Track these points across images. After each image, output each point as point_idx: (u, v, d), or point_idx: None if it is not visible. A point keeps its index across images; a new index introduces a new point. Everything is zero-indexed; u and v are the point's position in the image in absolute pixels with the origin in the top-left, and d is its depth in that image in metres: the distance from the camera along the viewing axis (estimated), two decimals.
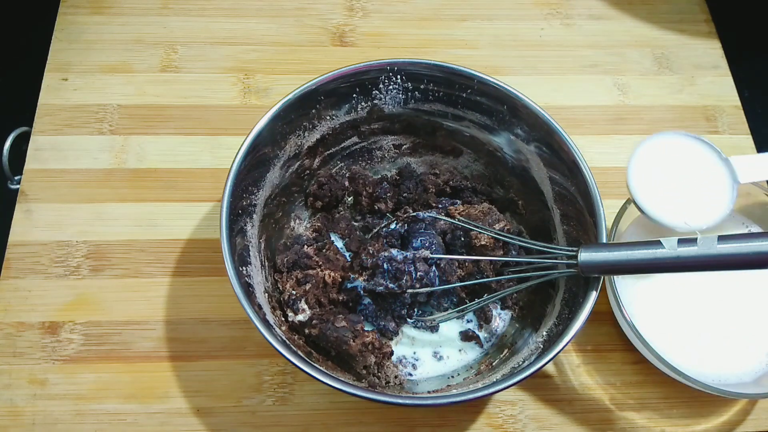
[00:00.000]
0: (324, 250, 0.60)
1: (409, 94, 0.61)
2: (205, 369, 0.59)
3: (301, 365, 0.47)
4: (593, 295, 0.50)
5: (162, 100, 0.72)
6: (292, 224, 0.63)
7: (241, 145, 0.54)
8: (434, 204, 0.64)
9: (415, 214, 0.61)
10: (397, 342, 0.59)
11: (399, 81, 0.60)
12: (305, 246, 0.60)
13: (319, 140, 0.62)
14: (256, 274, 0.56)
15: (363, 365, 0.55)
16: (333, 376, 0.48)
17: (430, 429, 0.58)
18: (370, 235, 0.62)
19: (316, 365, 0.50)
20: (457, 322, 0.61)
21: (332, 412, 0.58)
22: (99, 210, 0.65)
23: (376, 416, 0.58)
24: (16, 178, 0.66)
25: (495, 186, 0.65)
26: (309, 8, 0.79)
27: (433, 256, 0.57)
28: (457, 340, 0.60)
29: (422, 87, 0.60)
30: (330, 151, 0.64)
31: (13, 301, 0.61)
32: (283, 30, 0.77)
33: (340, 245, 0.63)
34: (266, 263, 0.58)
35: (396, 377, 0.56)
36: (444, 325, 0.60)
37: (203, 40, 0.76)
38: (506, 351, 0.58)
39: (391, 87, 0.60)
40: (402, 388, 0.56)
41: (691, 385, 0.54)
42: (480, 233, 0.57)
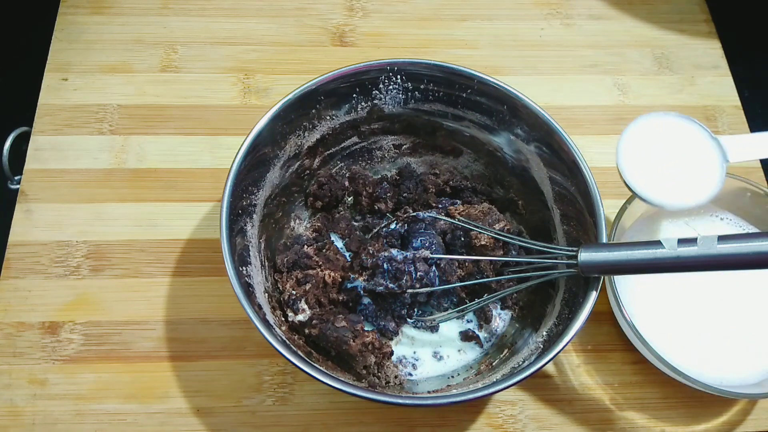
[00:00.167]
0: (324, 250, 0.60)
1: (409, 94, 0.61)
2: (205, 369, 0.59)
3: (301, 365, 0.47)
4: (593, 295, 0.50)
5: (162, 100, 0.72)
6: (292, 224, 0.63)
7: (241, 145, 0.54)
8: (434, 204, 0.64)
9: (415, 214, 0.61)
10: (397, 342, 0.59)
11: (399, 81, 0.60)
12: (305, 246, 0.60)
13: (319, 140, 0.62)
14: (256, 274, 0.56)
15: (363, 365, 0.55)
16: (333, 376, 0.48)
17: (430, 429, 0.58)
18: (370, 235, 0.62)
19: (316, 365, 0.50)
20: (457, 322, 0.61)
21: (332, 412, 0.58)
22: (99, 210, 0.65)
23: (376, 416, 0.58)
24: (16, 178, 0.66)
25: (495, 186, 0.65)
26: (309, 8, 0.79)
27: (433, 256, 0.57)
28: (457, 340, 0.60)
29: (422, 87, 0.60)
30: (330, 151, 0.64)
31: (13, 301, 0.61)
32: (283, 30, 0.77)
33: (340, 245, 0.63)
34: (266, 263, 0.58)
35: (396, 377, 0.56)
36: (444, 325, 0.60)
37: (203, 40, 0.76)
38: (506, 351, 0.58)
39: (391, 87, 0.60)
40: (402, 388, 0.56)
41: (692, 385, 0.54)
42: (480, 233, 0.57)
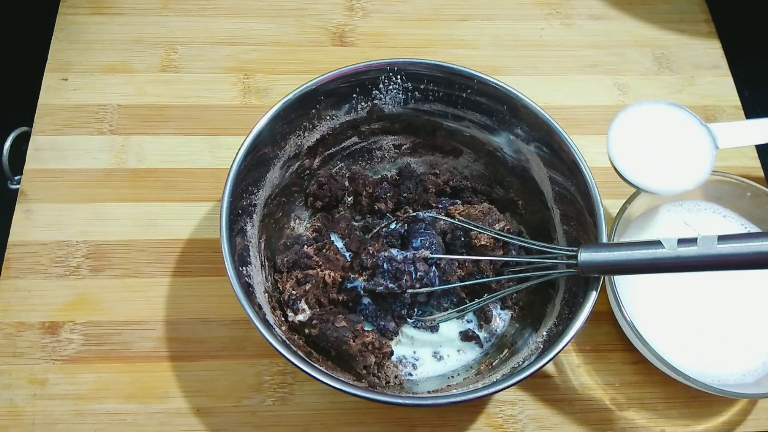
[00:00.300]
0: (324, 250, 0.60)
1: (409, 94, 0.61)
2: (205, 369, 0.59)
3: (301, 365, 0.47)
4: (593, 295, 0.50)
5: (162, 100, 0.72)
6: (292, 224, 0.63)
7: (241, 145, 0.54)
8: (434, 204, 0.64)
9: (415, 214, 0.61)
10: (397, 342, 0.59)
11: (399, 81, 0.60)
12: (305, 246, 0.60)
13: (319, 140, 0.62)
14: (256, 274, 0.56)
15: (363, 365, 0.55)
16: (333, 376, 0.48)
17: (430, 429, 0.58)
18: (370, 235, 0.62)
19: (316, 365, 0.50)
20: (457, 322, 0.61)
21: (332, 412, 0.58)
22: (99, 210, 0.65)
23: (376, 416, 0.58)
24: (16, 178, 0.66)
25: (495, 186, 0.65)
26: (309, 8, 0.79)
27: (433, 256, 0.57)
28: (457, 340, 0.60)
29: (422, 87, 0.60)
30: (330, 151, 0.64)
31: (13, 301, 0.61)
32: (283, 30, 0.77)
33: (340, 245, 0.63)
34: (266, 263, 0.58)
35: (396, 377, 0.56)
36: (444, 325, 0.60)
37: (203, 40, 0.76)
38: (506, 351, 0.57)
39: (391, 87, 0.60)
40: (402, 388, 0.56)
41: (691, 385, 0.54)
42: (480, 233, 0.57)
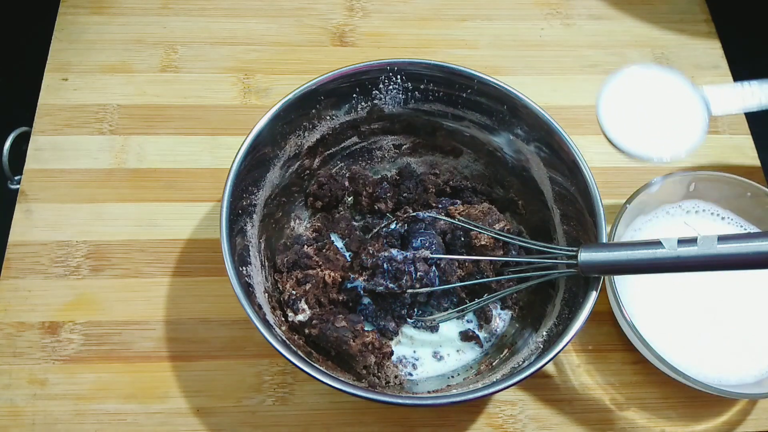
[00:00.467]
0: (324, 250, 0.60)
1: (409, 94, 0.61)
2: (205, 369, 0.59)
3: (301, 365, 0.47)
4: (593, 295, 0.50)
5: (162, 100, 0.72)
6: (292, 224, 0.63)
7: (241, 145, 0.54)
8: (434, 204, 0.64)
9: (415, 214, 0.60)
10: (397, 342, 0.59)
11: (399, 81, 0.60)
12: (305, 246, 0.60)
13: (319, 140, 0.62)
14: (256, 274, 0.56)
15: (363, 365, 0.55)
16: (333, 376, 0.48)
17: (430, 429, 0.58)
18: (370, 235, 0.62)
19: (316, 365, 0.50)
20: (457, 322, 0.61)
21: (332, 412, 0.58)
22: (99, 210, 0.65)
23: (376, 416, 0.58)
24: (16, 178, 0.66)
25: (495, 186, 0.65)
26: (309, 8, 0.79)
27: (433, 256, 0.57)
28: (457, 340, 0.60)
29: (422, 87, 0.60)
30: (330, 151, 0.64)
31: (13, 301, 0.61)
32: (283, 30, 0.77)
33: (340, 245, 0.63)
34: (266, 263, 0.58)
35: (396, 377, 0.56)
36: (444, 325, 0.60)
37: (203, 40, 0.76)
38: (506, 351, 0.57)
39: (391, 87, 0.60)
40: (402, 388, 0.56)
41: (691, 385, 0.54)
42: (480, 233, 0.57)
